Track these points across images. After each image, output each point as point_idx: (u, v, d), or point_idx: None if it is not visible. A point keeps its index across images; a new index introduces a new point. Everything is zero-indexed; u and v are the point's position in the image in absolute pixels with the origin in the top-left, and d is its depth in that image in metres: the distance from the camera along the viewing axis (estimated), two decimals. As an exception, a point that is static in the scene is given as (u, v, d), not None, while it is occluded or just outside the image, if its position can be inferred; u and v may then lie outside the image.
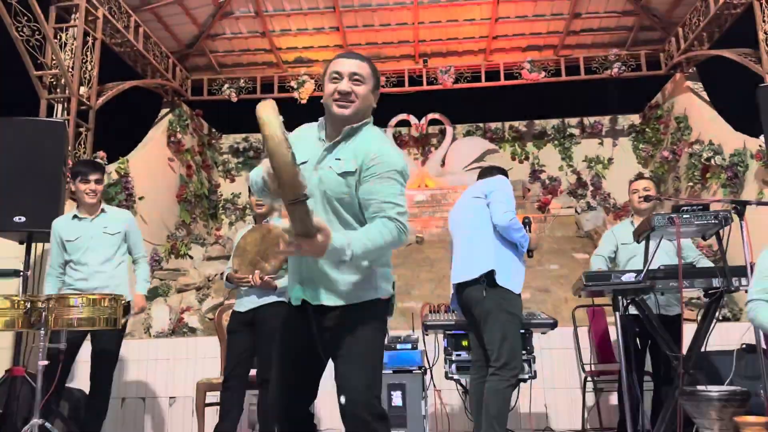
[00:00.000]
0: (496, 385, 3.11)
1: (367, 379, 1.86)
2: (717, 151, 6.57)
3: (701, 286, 3.17)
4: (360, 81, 1.95)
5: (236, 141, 9.17)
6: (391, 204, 1.84)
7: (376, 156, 1.89)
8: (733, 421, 2.37)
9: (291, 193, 1.60)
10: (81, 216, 3.66)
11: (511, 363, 3.12)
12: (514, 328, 3.19)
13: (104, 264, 3.61)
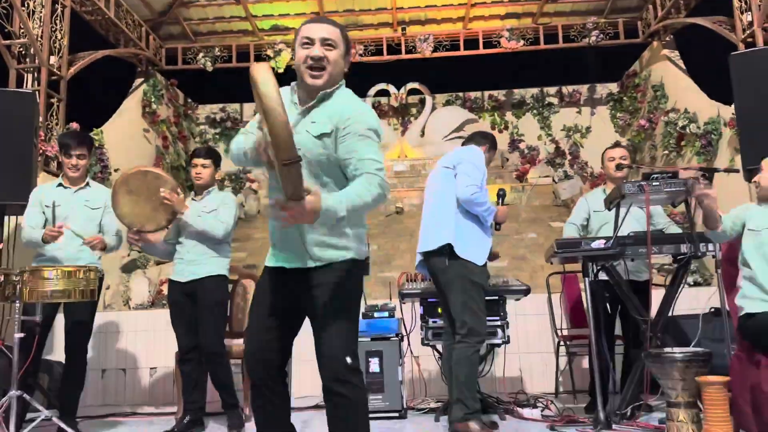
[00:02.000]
0: (462, 353, 3.16)
1: (343, 336, 1.92)
2: (692, 119, 6.64)
3: (670, 252, 3.25)
4: (331, 46, 1.96)
5: (213, 111, 9.04)
6: (369, 160, 1.87)
7: (351, 116, 1.91)
8: (695, 380, 2.46)
9: (286, 153, 1.61)
10: (66, 186, 3.65)
11: (475, 330, 3.17)
12: (477, 295, 3.23)
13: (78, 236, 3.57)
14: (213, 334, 3.54)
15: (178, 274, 3.66)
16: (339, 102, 1.97)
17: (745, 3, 5.65)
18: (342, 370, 1.90)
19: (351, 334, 1.96)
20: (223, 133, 9.03)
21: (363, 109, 1.97)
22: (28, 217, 3.62)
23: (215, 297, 3.60)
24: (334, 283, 1.93)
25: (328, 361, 1.91)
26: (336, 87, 2.00)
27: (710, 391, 2.34)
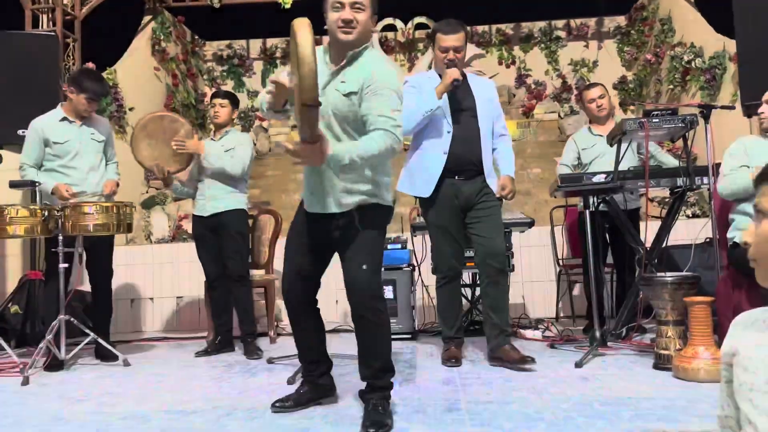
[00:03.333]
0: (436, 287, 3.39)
1: (370, 270, 2.18)
2: (697, 53, 6.69)
3: (667, 185, 3.45)
4: (360, 8, 2.14)
5: (220, 48, 9.06)
6: (384, 117, 2.07)
7: (375, 76, 2.11)
8: (682, 301, 2.72)
9: (308, 95, 1.81)
10: (71, 119, 3.71)
11: (437, 267, 3.33)
12: (434, 234, 3.29)
13: (91, 171, 3.72)
14: (238, 260, 3.83)
15: (200, 210, 3.90)
16: (367, 62, 2.16)
17: (756, -66, 5.60)
18: (369, 299, 2.18)
19: (376, 267, 2.24)
20: (230, 70, 9.09)
21: (387, 69, 2.16)
22: (25, 152, 3.64)
23: (237, 227, 3.86)
24: (362, 222, 2.18)
25: (359, 291, 2.18)
26: (364, 47, 2.18)
27: (695, 309, 2.60)
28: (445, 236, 3.22)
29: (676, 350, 2.71)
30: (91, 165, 3.72)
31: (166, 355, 3.97)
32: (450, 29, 3.15)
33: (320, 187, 2.21)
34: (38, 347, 3.36)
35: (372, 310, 2.19)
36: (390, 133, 2.06)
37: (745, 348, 1.01)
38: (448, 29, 3.15)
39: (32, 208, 3.28)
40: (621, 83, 8.57)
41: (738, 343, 1.03)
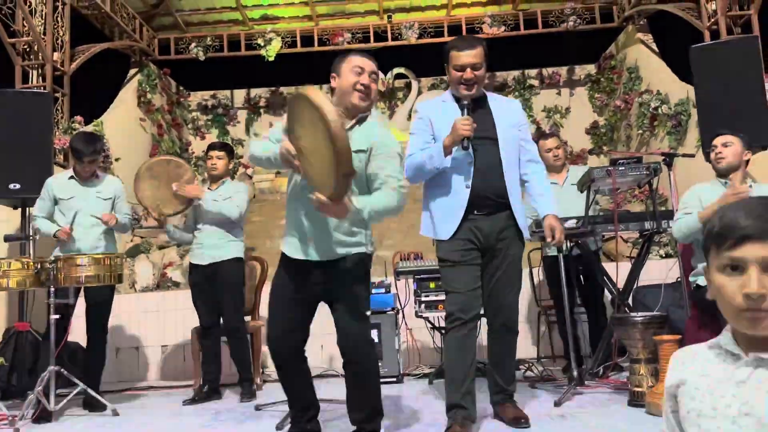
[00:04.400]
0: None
1: (363, 317, 2.35)
2: (664, 100, 7.04)
3: (635, 229, 3.65)
4: (375, 78, 2.38)
5: (204, 98, 9.28)
6: (394, 178, 2.30)
7: (381, 137, 2.35)
8: (652, 339, 2.87)
9: (347, 167, 1.99)
10: (78, 179, 3.89)
11: (446, 309, 2.82)
12: (445, 273, 2.81)
13: (94, 227, 3.85)
14: (234, 312, 3.94)
15: (198, 258, 4.01)
16: (372, 125, 2.40)
17: (710, -8, 6.02)
18: (363, 345, 2.33)
19: (366, 314, 2.39)
20: (215, 119, 9.29)
21: (389, 133, 2.43)
22: (38, 206, 3.88)
23: (234, 278, 3.98)
24: (352, 272, 2.33)
25: (353, 338, 2.31)
26: (370, 111, 2.43)
27: (664, 347, 2.75)
28: (457, 272, 2.73)
29: (649, 387, 2.84)
30: (95, 222, 3.84)
31: (154, 404, 4.00)
32: (465, 44, 2.75)
33: (313, 236, 2.34)
34: (27, 399, 3.38)
35: (365, 356, 2.33)
36: (397, 192, 2.29)
37: (691, 378, 1.10)
38: (463, 45, 2.76)
39: (24, 261, 3.36)
40: (593, 128, 8.92)
41: (683, 375, 1.12)
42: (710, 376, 1.06)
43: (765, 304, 0.96)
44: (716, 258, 1.03)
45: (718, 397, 1.03)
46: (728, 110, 4.25)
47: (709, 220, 1.08)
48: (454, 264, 2.74)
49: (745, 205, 1.02)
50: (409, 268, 4.34)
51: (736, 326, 1.03)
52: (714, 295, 1.06)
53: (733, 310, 1.00)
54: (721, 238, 1.02)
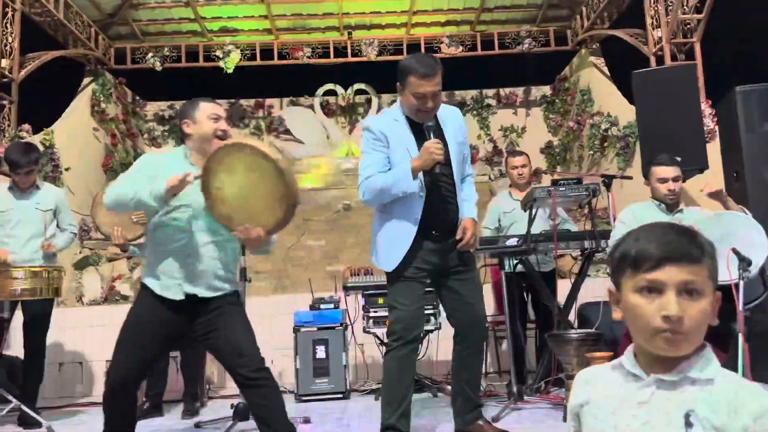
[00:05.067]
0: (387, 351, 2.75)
1: (255, 343, 2.41)
2: (613, 122, 7.26)
3: (576, 248, 3.75)
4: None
5: (161, 108, 9.17)
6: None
7: None
8: (586, 356, 2.94)
9: (295, 199, 2.24)
10: (15, 190, 3.80)
11: (390, 327, 2.73)
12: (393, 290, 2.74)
13: (32, 239, 3.75)
14: None
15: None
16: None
17: (655, 20, 6.27)
18: (262, 363, 2.36)
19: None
20: (172, 130, 9.19)
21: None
22: None
23: None
24: (233, 304, 2.45)
25: (252, 358, 2.35)
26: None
27: (596, 364, 2.82)
28: (405, 287, 2.68)
29: (582, 403, 2.91)
30: (32, 234, 3.75)
31: (93, 421, 3.89)
32: (426, 71, 2.58)
33: (199, 272, 2.37)
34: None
35: (266, 373, 2.35)
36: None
37: (595, 398, 1.13)
38: (424, 71, 2.58)
39: (-43, 273, 3.26)
40: (548, 148, 9.13)
41: (587, 395, 1.15)
42: (613, 396, 1.08)
43: (680, 327, 0.99)
44: (631, 279, 1.05)
45: (620, 417, 1.06)
46: (668, 134, 4.41)
47: (621, 243, 1.09)
48: (402, 279, 2.67)
49: (658, 230, 1.05)
50: (358, 284, 4.36)
51: (650, 347, 1.03)
52: (625, 316, 1.08)
53: (648, 331, 1.02)
54: (638, 260, 1.03)
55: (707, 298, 1.02)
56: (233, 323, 2.37)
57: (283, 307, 5.29)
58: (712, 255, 1.04)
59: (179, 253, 2.37)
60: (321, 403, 4.06)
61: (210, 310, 2.38)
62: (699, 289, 1.01)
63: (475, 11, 8.10)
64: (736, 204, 3.13)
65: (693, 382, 1.01)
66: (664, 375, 1.02)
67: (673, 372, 1.02)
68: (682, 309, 0.99)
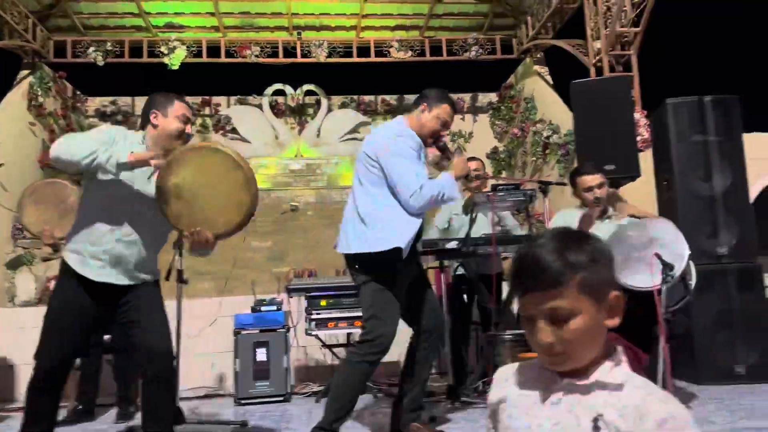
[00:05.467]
0: (350, 357, 2.73)
1: (170, 338, 2.45)
2: (555, 130, 7.48)
3: (514, 251, 3.84)
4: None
5: (103, 104, 8.90)
6: None
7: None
8: (519, 357, 3.03)
9: (254, 209, 2.37)
10: None
11: (382, 336, 2.63)
12: (378, 297, 2.67)
13: None
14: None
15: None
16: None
17: (595, 32, 6.50)
18: (171, 361, 2.42)
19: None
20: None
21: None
22: None
23: None
24: (156, 294, 2.46)
25: (166, 354, 2.39)
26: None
27: (528, 364, 2.91)
28: (392, 298, 2.67)
29: (516, 402, 2.99)
30: None
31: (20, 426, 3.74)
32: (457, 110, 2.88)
33: (126, 260, 2.38)
34: None
35: (172, 371, 2.45)
36: None
37: (512, 396, 1.14)
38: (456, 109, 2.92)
39: None
40: (494, 153, 9.31)
41: (504, 392, 1.15)
42: (528, 395, 1.10)
43: (555, 349, 1.01)
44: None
45: (533, 418, 1.07)
46: (603, 143, 4.58)
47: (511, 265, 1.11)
48: (390, 288, 2.66)
49: (530, 253, 1.04)
50: (301, 286, 4.35)
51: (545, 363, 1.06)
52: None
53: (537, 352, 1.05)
54: (511, 289, 1.08)
55: (582, 315, 1.00)
56: (152, 318, 2.39)
57: (225, 309, 5.22)
58: (585, 265, 1.00)
59: (112, 238, 2.36)
60: (261, 406, 4.02)
61: (130, 299, 2.39)
62: (565, 312, 1.00)
63: (424, 17, 8.20)
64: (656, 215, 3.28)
65: (603, 386, 1.03)
66: (575, 379, 1.03)
67: (584, 376, 1.03)
68: (553, 335, 1.00)
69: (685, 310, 3.06)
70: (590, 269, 1.01)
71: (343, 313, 4.28)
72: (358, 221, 2.73)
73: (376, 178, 2.75)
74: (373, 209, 2.71)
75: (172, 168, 2.30)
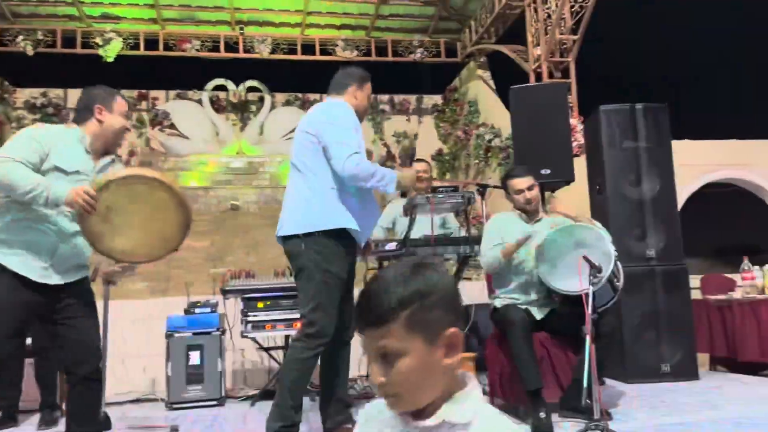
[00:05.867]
0: (297, 354, 2.64)
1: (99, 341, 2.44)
2: (497, 134, 7.61)
3: (453, 252, 3.87)
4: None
5: (33, 96, 8.50)
6: None
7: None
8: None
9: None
10: None
11: (324, 329, 2.63)
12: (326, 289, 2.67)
13: None
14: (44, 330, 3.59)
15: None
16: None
17: (536, 39, 6.64)
18: (99, 363, 2.36)
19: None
20: (44, 119, 8.51)
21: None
22: None
23: None
24: (88, 291, 2.41)
25: (94, 354, 2.34)
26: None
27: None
28: (336, 292, 2.69)
29: (450, 403, 3.00)
30: None
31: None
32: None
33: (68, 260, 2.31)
34: None
35: (99, 377, 2.36)
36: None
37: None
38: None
39: None
40: (438, 155, 9.41)
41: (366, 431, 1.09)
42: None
43: (387, 390, 0.96)
44: None
45: None
46: (540, 148, 4.67)
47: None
48: (336, 283, 2.68)
49: (362, 293, 0.99)
50: (237, 287, 4.24)
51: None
52: None
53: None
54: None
55: (411, 355, 0.94)
56: (84, 321, 2.34)
57: (159, 312, 5.06)
58: (413, 300, 0.94)
59: (48, 238, 2.26)
60: (193, 411, 3.91)
61: (65, 298, 2.32)
62: (393, 351, 0.94)
63: (369, 17, 8.19)
64: (587, 218, 3.36)
65: (451, 426, 0.97)
66: (423, 421, 0.97)
67: (432, 417, 0.97)
68: (385, 375, 0.95)
69: (613, 310, 3.16)
70: (419, 305, 0.94)
71: (281, 315, 4.20)
72: (302, 201, 2.71)
73: (317, 157, 2.71)
74: (320, 188, 2.70)
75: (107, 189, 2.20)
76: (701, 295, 5.20)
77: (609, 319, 2.92)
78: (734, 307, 4.48)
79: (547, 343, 3.11)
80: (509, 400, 3.16)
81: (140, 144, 8.73)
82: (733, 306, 4.49)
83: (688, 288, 4.23)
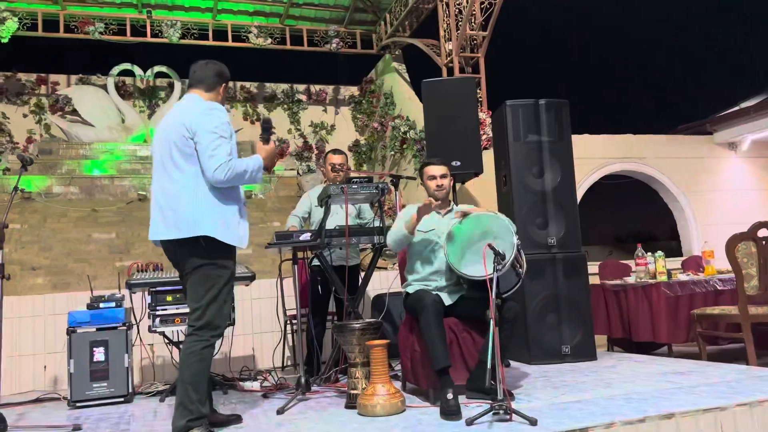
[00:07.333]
0: (193, 347, 2.69)
1: None
2: (411, 126, 7.74)
3: (367, 242, 3.92)
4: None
5: None
6: None
7: None
8: (366, 345, 3.11)
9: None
10: None
11: (214, 323, 2.71)
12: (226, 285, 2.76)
13: None
14: None
15: None
16: None
17: (447, 33, 6.80)
18: None
19: None
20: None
21: None
22: None
23: None
24: None
25: None
26: None
27: (374, 351, 2.99)
28: (232, 288, 2.89)
29: (363, 389, 3.06)
30: None
31: None
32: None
33: None
34: None
35: None
36: None
37: None
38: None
39: None
40: (355, 146, 9.45)
41: None
42: None
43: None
44: None
45: None
46: (450, 140, 4.82)
47: None
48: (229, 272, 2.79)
49: None
50: (143, 281, 4.10)
51: None
52: None
53: None
54: None
55: None
56: None
57: (60, 307, 4.83)
58: None
59: None
60: (99, 409, 3.75)
61: None
62: None
63: (284, 5, 8.09)
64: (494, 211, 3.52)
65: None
66: None
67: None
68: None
69: (517, 295, 3.32)
70: None
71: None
72: (184, 202, 2.69)
73: (193, 157, 2.70)
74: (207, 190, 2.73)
75: None
76: (599, 280, 5.56)
77: (512, 304, 3.08)
78: (629, 291, 4.82)
79: (456, 327, 3.23)
80: (421, 384, 3.26)
81: (40, 130, 8.22)
82: (628, 290, 4.83)
83: (587, 274, 4.51)
